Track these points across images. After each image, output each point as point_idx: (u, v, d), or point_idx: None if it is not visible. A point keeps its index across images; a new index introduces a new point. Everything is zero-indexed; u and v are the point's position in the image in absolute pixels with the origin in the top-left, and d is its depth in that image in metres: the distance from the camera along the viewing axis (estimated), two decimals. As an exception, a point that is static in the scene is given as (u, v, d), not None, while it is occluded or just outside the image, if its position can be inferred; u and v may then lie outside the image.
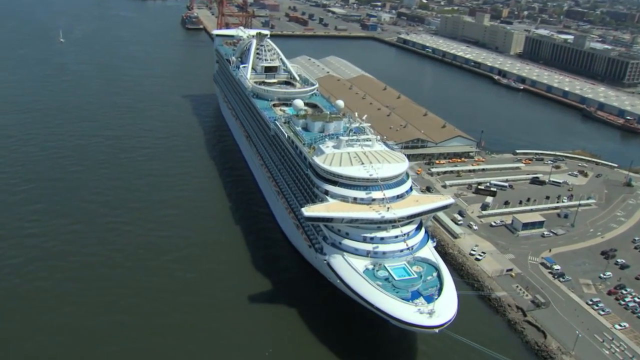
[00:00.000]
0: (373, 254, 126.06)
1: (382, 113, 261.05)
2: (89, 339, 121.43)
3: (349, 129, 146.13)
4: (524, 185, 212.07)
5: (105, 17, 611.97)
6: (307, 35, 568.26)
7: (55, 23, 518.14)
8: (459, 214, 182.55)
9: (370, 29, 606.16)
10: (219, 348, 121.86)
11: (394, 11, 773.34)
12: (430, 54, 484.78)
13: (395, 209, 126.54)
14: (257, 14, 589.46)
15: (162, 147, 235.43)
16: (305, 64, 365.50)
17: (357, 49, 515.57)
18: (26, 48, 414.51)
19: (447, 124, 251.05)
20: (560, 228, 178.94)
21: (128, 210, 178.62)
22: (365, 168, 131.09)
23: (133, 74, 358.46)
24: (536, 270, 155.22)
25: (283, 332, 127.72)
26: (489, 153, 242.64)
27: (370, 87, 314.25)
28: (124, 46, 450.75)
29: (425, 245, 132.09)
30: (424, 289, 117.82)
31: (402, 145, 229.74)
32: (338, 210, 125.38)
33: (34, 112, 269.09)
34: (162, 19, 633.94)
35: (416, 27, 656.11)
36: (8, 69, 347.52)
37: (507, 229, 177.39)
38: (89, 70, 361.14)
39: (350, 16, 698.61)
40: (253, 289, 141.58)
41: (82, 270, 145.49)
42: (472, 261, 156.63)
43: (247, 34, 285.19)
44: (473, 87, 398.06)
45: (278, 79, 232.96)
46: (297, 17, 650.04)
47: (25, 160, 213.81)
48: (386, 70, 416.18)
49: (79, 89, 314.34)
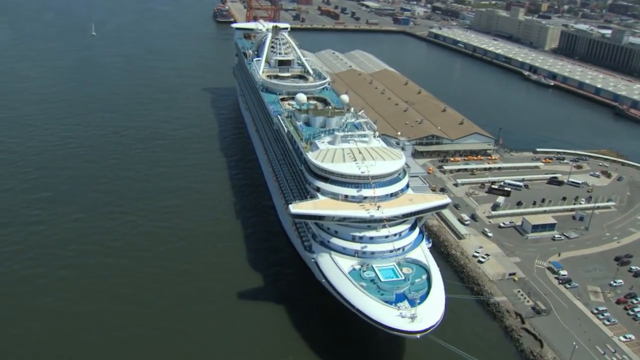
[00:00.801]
0: (361, 254, 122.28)
1: (399, 108, 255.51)
2: (76, 325, 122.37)
3: (344, 124, 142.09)
4: (540, 186, 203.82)
5: (139, 11, 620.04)
6: (337, 29, 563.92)
7: (90, 16, 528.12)
8: (471, 217, 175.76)
9: (402, 23, 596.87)
10: (204, 338, 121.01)
11: (429, 5, 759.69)
12: (461, 49, 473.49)
13: (386, 208, 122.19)
14: (285, 7, 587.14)
15: (176, 138, 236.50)
16: (329, 58, 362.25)
17: (387, 43, 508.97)
18: (58, 41, 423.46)
19: (465, 120, 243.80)
20: (574, 231, 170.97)
21: (133, 201, 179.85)
22: (357, 165, 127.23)
23: (158, 67, 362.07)
24: (542, 275, 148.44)
25: (266, 327, 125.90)
26: (507, 151, 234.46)
27: (391, 81, 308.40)
28: (152, 39, 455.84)
29: (418, 246, 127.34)
30: (410, 292, 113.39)
31: (416, 142, 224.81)
32: (326, 208, 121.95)
33: (57, 103, 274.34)
34: (195, 12, 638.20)
35: (450, 21, 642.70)
36: (38, 61, 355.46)
37: (517, 230, 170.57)
38: (115, 62, 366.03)
39: (384, 10, 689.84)
40: (243, 282, 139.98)
41: (79, 259, 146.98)
42: (475, 263, 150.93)
43: (266, 27, 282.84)
44: (502, 83, 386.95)
45: (292, 72, 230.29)
46: (329, 11, 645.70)
47: (41, 149, 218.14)
48: (414, 65, 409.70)
49: (103, 81, 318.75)
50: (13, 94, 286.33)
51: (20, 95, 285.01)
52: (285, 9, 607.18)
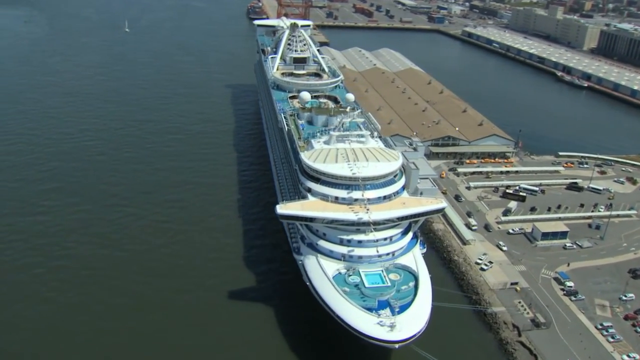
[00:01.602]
0: (348, 258, 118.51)
1: (418, 108, 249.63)
2: (64, 314, 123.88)
3: (340, 123, 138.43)
4: (558, 191, 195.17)
5: (175, 7, 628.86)
6: (369, 26, 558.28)
7: (127, 13, 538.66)
8: (484, 226, 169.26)
9: (436, 22, 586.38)
10: (189, 332, 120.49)
11: (467, 4, 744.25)
12: (495, 48, 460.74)
13: (375, 211, 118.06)
14: (315, 4, 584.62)
15: (192, 133, 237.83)
16: (355, 56, 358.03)
17: (420, 42, 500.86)
18: (92, 36, 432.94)
19: (485, 121, 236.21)
20: (588, 240, 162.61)
21: (138, 194, 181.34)
22: (349, 166, 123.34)
23: (185, 62, 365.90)
24: (547, 285, 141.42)
25: (253, 324, 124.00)
26: (527, 154, 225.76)
27: (414, 80, 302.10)
28: (184, 35, 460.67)
29: (410, 252, 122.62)
30: (394, 299, 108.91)
31: (432, 143, 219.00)
32: (313, 210, 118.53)
33: (81, 97, 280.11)
34: (230, 9, 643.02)
35: (487, 20, 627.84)
36: (69, 56, 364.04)
37: (526, 237, 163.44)
38: (144, 58, 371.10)
39: (420, 8, 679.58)
40: (237, 278, 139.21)
41: (76, 250, 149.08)
42: (476, 271, 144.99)
43: (287, 24, 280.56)
44: (533, 84, 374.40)
45: (307, 70, 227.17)
46: (363, 9, 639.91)
47: (58, 140, 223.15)
48: (444, 64, 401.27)
49: (130, 76, 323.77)
50: (41, 87, 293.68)
51: (47, 88, 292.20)
52: (317, 6, 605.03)
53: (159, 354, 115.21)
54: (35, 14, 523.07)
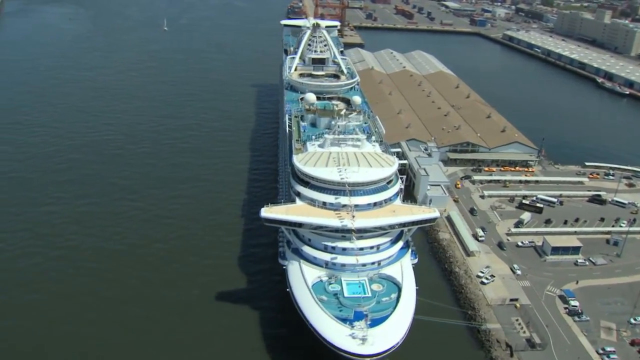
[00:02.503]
0: (331, 265, 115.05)
1: (440, 113, 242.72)
2: (52, 305, 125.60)
3: (335, 126, 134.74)
4: (578, 203, 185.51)
5: (217, 6, 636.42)
6: (408, 28, 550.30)
7: (168, 11, 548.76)
8: (481, 229, 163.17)
9: (478, 25, 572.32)
10: (174, 328, 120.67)
11: (513, 7, 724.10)
12: (536, 53, 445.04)
13: (361, 218, 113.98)
14: (351, 5, 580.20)
15: (210, 130, 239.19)
16: (385, 58, 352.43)
17: (458, 44, 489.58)
18: (131, 34, 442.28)
19: (509, 128, 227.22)
20: (603, 257, 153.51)
21: (148, 190, 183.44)
22: (339, 171, 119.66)
23: (217, 61, 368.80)
24: (550, 303, 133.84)
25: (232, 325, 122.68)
26: (551, 163, 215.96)
27: (442, 84, 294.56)
28: (221, 34, 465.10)
29: (398, 262, 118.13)
30: (372, 311, 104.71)
31: (450, 149, 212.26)
32: (298, 214, 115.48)
33: (110, 92, 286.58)
34: (271, 9, 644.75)
35: (531, 23, 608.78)
36: (105, 53, 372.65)
37: (536, 251, 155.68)
38: (177, 57, 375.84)
39: (463, 11, 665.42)
40: (225, 279, 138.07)
41: (76, 242, 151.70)
42: (476, 284, 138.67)
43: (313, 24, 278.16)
44: (571, 90, 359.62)
45: (326, 71, 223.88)
46: (404, 10, 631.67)
47: (81, 134, 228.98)
48: (478, 68, 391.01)
49: (160, 74, 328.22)
50: (73, 82, 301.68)
51: (79, 83, 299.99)
52: (354, 7, 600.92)
53: (139, 346, 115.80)
54: (81, 12, 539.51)
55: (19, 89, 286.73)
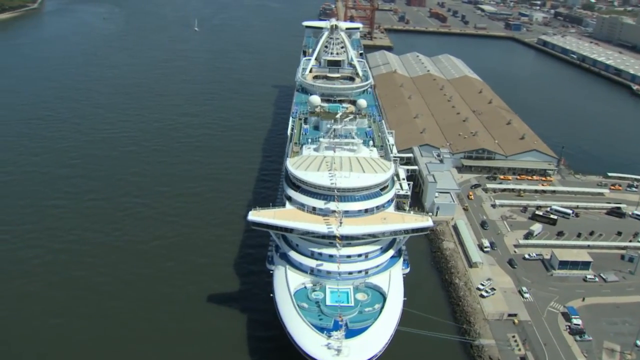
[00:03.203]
0: (316, 272, 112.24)
1: (459, 118, 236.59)
2: (44, 305, 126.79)
3: (330, 130, 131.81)
4: (596, 216, 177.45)
5: (250, 7, 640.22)
6: (440, 32, 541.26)
7: (201, 12, 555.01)
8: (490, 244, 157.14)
9: (513, 29, 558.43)
10: (159, 325, 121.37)
11: (552, 11, 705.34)
12: (572, 59, 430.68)
13: (349, 225, 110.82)
14: (382, 8, 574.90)
15: (224, 131, 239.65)
16: (411, 61, 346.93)
17: (490, 49, 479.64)
18: (161, 34, 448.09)
19: (529, 135, 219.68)
20: (615, 273, 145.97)
21: (156, 188, 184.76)
22: (330, 175, 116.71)
23: (242, 60, 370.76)
24: (552, 321, 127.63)
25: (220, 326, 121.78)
26: (571, 173, 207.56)
27: (466, 89, 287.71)
28: (249, 35, 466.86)
29: (387, 271, 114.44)
30: (353, 321, 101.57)
31: (465, 155, 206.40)
32: (284, 218, 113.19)
33: (132, 90, 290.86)
34: (304, 10, 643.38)
35: (569, 28, 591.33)
36: (134, 52, 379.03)
37: (543, 264, 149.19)
38: (202, 57, 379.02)
39: (499, 14, 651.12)
40: (220, 283, 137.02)
41: (78, 237, 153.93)
42: (475, 297, 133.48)
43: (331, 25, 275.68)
44: (604, 97, 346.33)
45: (342, 73, 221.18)
46: (438, 13, 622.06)
47: (98, 130, 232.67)
48: (507, 72, 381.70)
49: (184, 74, 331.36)
50: (99, 79, 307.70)
51: (104, 81, 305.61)
52: (384, 9, 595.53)
53: (125, 340, 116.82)
54: (116, 11, 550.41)
55: (46, 84, 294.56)
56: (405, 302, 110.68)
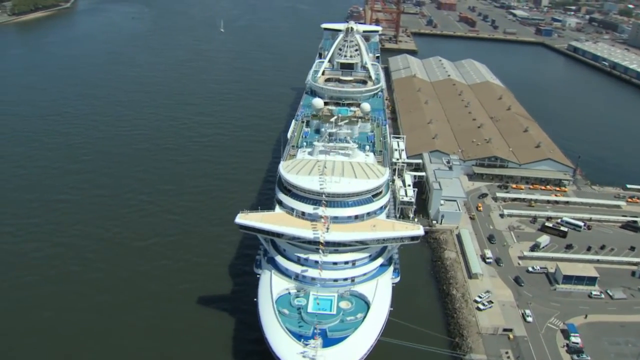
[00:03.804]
0: (301, 278, 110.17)
1: (474, 124, 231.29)
2: (36, 301, 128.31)
3: (325, 134, 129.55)
4: (609, 229, 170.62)
5: (279, 9, 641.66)
6: (468, 36, 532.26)
7: (229, 13, 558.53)
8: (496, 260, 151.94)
9: (543, 34, 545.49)
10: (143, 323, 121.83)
11: (586, 16, 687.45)
12: (601, 65, 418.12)
13: (336, 231, 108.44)
14: (407, 11, 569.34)
15: (236, 134, 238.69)
16: (432, 65, 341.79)
17: (518, 54, 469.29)
18: (187, 34, 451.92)
19: (546, 144, 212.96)
20: (623, 290, 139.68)
21: (162, 187, 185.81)
22: (320, 180, 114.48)
23: (264, 62, 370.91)
24: (549, 338, 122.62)
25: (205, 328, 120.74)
26: (588, 184, 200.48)
27: (485, 94, 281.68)
28: (274, 37, 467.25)
29: (374, 280, 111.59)
30: (333, 330, 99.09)
31: (477, 162, 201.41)
32: (271, 222, 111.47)
33: (150, 89, 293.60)
34: (333, 12, 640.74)
35: (603, 34, 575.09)
36: (157, 51, 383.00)
37: (547, 278, 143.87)
38: (223, 58, 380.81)
39: (531, 19, 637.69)
40: (213, 282, 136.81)
41: (78, 234, 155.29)
42: (471, 309, 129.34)
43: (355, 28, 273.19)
44: (634, 106, 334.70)
45: (355, 76, 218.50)
46: (467, 17, 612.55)
47: (111, 128, 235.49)
48: (533, 79, 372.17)
49: (203, 73, 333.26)
50: (120, 79, 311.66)
51: (124, 80, 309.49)
52: (409, 13, 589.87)
53: (108, 335, 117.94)
54: (145, 11, 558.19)
55: (69, 82, 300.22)
56: (391, 312, 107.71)
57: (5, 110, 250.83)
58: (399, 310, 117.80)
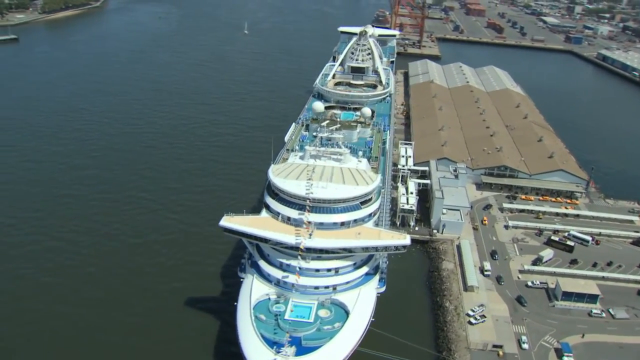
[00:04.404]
0: (282, 284, 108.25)
1: (487, 132, 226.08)
2: (29, 290, 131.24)
3: (317, 138, 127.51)
4: (619, 245, 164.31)
5: (304, 12, 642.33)
6: (495, 43, 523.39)
7: (255, 15, 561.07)
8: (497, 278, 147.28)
9: (573, 42, 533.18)
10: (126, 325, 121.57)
11: (620, 24, 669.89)
12: (632, 76, 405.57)
13: (318, 237, 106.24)
14: (431, 16, 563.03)
15: (247, 135, 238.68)
16: (452, 71, 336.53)
17: (544, 62, 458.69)
18: (209, 35, 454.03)
19: (559, 154, 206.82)
20: (626, 310, 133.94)
21: (165, 188, 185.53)
22: (307, 185, 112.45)
23: (282, 64, 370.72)
24: (541, 356, 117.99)
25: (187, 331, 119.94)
26: (602, 197, 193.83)
27: (503, 102, 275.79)
28: (297, 39, 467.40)
29: (357, 288, 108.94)
30: (308, 339, 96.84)
31: (486, 172, 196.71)
32: (254, 226, 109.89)
33: (167, 89, 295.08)
34: (360, 16, 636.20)
35: (636, 43, 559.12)
36: (179, 53, 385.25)
37: (547, 294, 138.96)
38: (244, 59, 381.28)
39: (561, 27, 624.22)
40: (202, 283, 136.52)
41: (72, 234, 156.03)
42: (461, 323, 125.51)
43: (370, 32, 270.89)
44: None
45: (366, 81, 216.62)
46: (495, 24, 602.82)
47: (123, 127, 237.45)
48: (558, 87, 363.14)
49: (221, 75, 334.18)
50: (139, 78, 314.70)
51: (144, 79, 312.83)
52: (433, 18, 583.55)
53: (92, 329, 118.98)
54: (173, 12, 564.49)
55: (89, 79, 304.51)
56: (374, 322, 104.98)
57: (23, 105, 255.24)
58: (386, 320, 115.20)
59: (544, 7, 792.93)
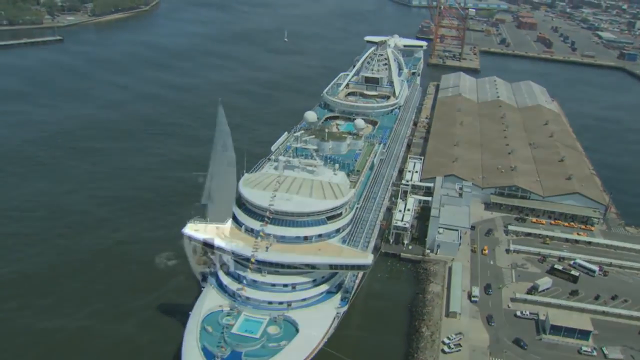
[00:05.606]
0: (237, 296, 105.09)
1: (505, 150, 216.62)
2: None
3: (291, 149, 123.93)
4: (629, 277, 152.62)
5: (354, 18, 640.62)
6: (541, 57, 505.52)
7: (298, 25, 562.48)
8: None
9: (627, 59, 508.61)
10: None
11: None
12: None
13: (275, 251, 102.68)
14: (472, 28, 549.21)
15: (253, 140, 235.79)
16: (485, 85, 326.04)
17: (591, 79, 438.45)
18: (249, 41, 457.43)
19: (580, 177, 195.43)
20: (622, 349, 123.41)
21: (162, 201, 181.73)
22: (272, 196, 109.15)
23: (311, 71, 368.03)
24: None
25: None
26: (622, 224, 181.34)
27: (532, 119, 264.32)
28: (333, 45, 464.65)
29: (314, 306, 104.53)
30: (250, 355, 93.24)
31: (496, 191, 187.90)
32: (212, 235, 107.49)
33: (190, 94, 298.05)
34: (407, 27, 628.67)
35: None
36: (210, 59, 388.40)
37: (536, 325, 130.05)
38: (274, 66, 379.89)
39: (617, 42, 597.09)
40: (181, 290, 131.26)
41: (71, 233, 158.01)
42: (435, 351, 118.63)
43: (394, 42, 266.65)
44: None
45: (380, 92, 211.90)
46: (544, 38, 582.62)
47: (131, 132, 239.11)
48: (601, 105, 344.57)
49: (248, 82, 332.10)
50: (163, 84, 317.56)
51: (167, 85, 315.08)
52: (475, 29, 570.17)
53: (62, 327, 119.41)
54: (219, 17, 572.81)
55: (119, 84, 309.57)
56: (327, 343, 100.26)
57: (44, 103, 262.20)
58: (350, 343, 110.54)
59: (602, 22, 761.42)
